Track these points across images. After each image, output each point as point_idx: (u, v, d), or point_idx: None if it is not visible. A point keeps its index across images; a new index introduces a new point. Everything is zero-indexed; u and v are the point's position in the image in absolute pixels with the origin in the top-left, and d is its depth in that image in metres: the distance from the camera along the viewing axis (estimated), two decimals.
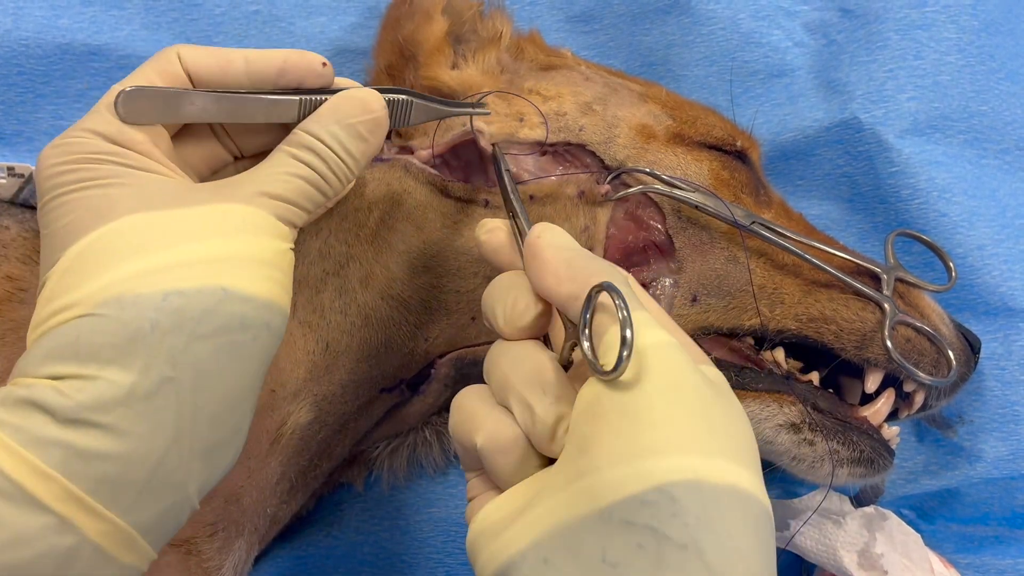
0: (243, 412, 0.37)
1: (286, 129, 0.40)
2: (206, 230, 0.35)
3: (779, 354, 0.54)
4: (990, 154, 0.65)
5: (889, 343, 0.51)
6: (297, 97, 0.39)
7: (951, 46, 0.65)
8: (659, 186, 0.51)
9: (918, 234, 0.61)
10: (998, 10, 0.66)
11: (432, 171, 0.51)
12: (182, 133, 0.41)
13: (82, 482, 0.31)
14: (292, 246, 0.39)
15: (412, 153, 0.52)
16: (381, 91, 0.41)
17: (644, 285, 0.52)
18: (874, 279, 0.54)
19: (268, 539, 0.55)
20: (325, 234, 0.51)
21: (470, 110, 0.48)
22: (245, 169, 0.42)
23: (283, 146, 0.39)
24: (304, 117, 0.40)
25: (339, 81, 0.41)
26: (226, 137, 0.42)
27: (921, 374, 0.51)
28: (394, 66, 0.56)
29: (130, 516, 0.33)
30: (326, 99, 0.40)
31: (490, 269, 0.49)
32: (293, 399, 0.49)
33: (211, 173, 0.42)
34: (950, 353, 0.53)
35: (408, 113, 0.43)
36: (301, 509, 0.57)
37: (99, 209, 0.35)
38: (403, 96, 0.42)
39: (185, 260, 0.34)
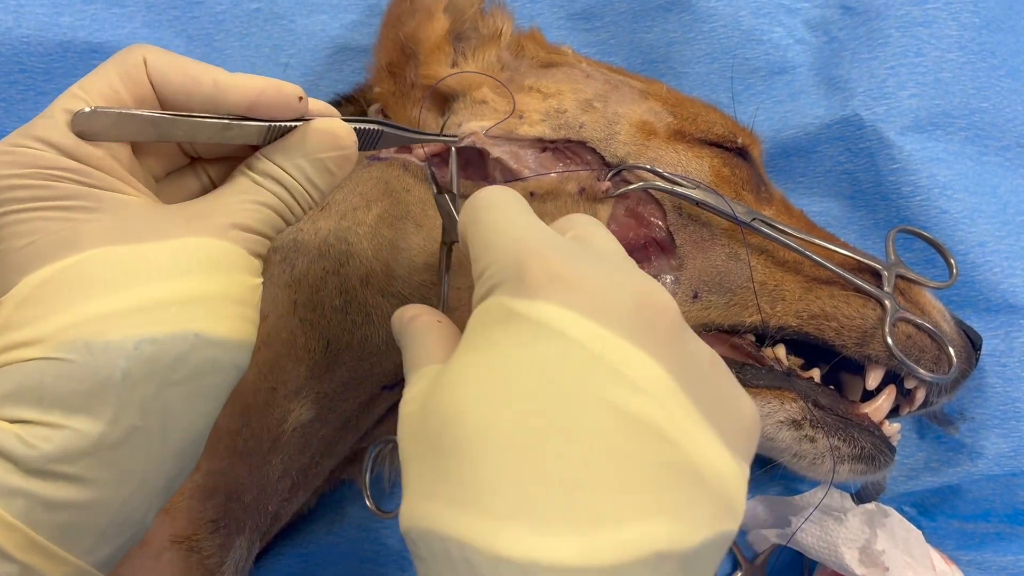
0: (203, 442, 0.36)
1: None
2: (179, 268, 0.34)
3: (780, 351, 0.54)
4: (991, 151, 0.65)
5: (890, 340, 0.51)
6: (265, 124, 0.38)
7: (952, 43, 0.65)
8: (660, 183, 0.51)
9: (919, 231, 0.61)
10: (999, 7, 0.66)
11: (431, 168, 0.51)
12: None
13: (45, 530, 0.31)
14: (261, 279, 0.38)
15: (410, 151, 0.52)
16: (351, 121, 0.40)
17: None
18: (875, 276, 0.54)
19: (270, 536, 0.55)
20: (324, 232, 0.51)
21: (440, 137, 0.47)
22: (203, 171, 0.41)
23: (248, 171, 0.38)
24: (270, 139, 0.38)
25: (312, 104, 0.39)
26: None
27: (922, 371, 0.51)
28: (395, 64, 0.55)
29: (91, 556, 0.33)
30: (294, 125, 0.38)
31: None
32: (295, 397, 0.49)
33: (166, 175, 0.41)
34: (951, 350, 0.53)
35: (376, 141, 0.42)
36: (302, 506, 0.57)
37: (62, 236, 0.33)
38: (373, 126, 0.42)
39: (157, 301, 0.33)
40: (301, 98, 0.38)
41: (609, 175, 0.52)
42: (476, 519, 0.27)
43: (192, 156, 0.41)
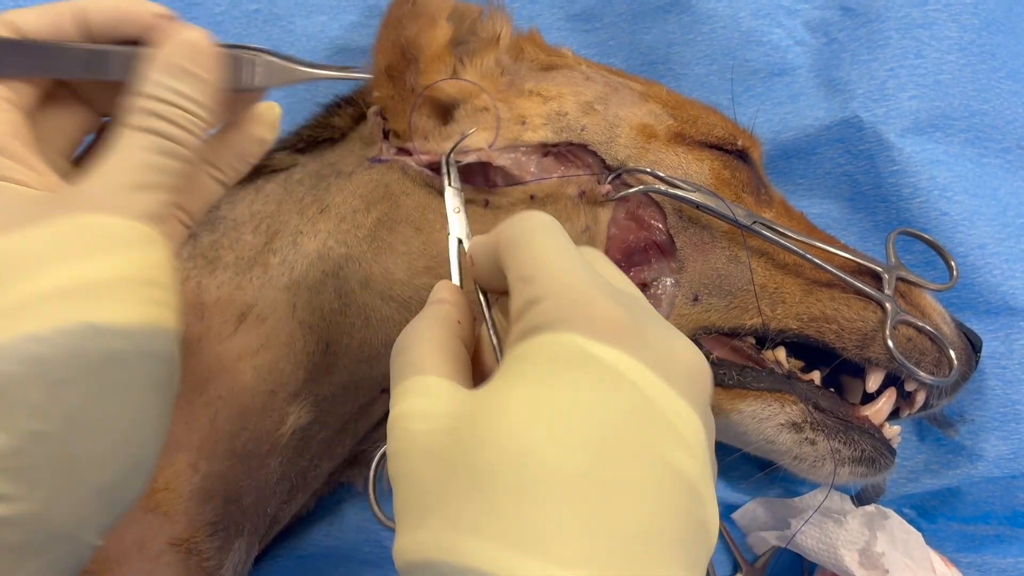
0: (141, 444, 0.33)
1: None
2: (63, 252, 0.31)
3: (780, 353, 0.53)
4: (991, 153, 0.65)
5: (890, 342, 0.51)
6: (109, 48, 0.34)
7: (952, 45, 0.65)
8: (660, 186, 0.51)
9: (919, 233, 0.61)
10: (999, 9, 0.66)
11: (430, 172, 0.51)
12: (44, 104, 0.37)
13: None
14: (167, 252, 0.34)
15: (409, 154, 0.52)
16: (221, 46, 0.37)
17: (645, 285, 0.52)
18: (875, 278, 0.54)
19: (268, 539, 0.55)
20: (323, 236, 0.51)
21: (340, 74, 0.41)
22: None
23: (123, 119, 0.34)
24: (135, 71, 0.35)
25: (162, 26, 0.36)
26: (87, 99, 0.38)
27: (922, 373, 0.51)
28: (394, 67, 0.55)
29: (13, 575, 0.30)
30: (150, 50, 0.35)
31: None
32: (293, 400, 0.49)
33: (76, 145, 0.38)
34: (951, 352, 0.53)
35: (252, 71, 0.37)
36: (301, 509, 0.57)
37: None
38: (247, 52, 0.37)
39: (39, 293, 0.30)
40: (163, 16, 0.35)
41: (610, 178, 0.52)
42: (538, 564, 0.26)
43: (104, 115, 0.38)
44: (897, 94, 0.64)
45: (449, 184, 0.44)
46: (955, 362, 0.52)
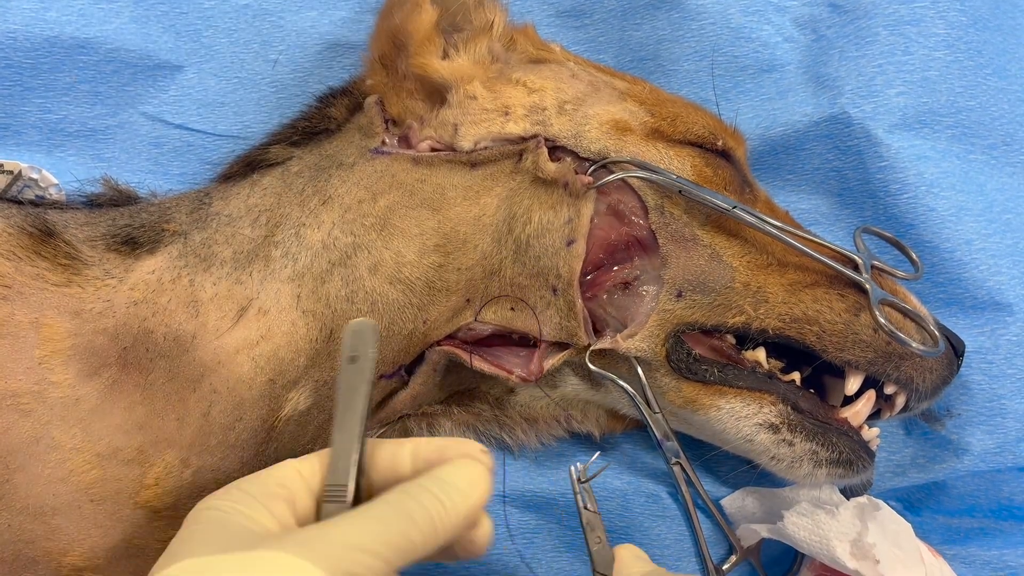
0: None
1: None
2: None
3: (760, 354, 0.54)
4: (978, 149, 0.65)
5: (879, 316, 0.50)
6: None
7: (939, 42, 0.65)
8: (639, 172, 0.51)
9: (879, 230, 0.61)
10: (986, 6, 0.67)
11: (445, 154, 0.52)
12: None
13: None
14: None
15: (412, 146, 0.53)
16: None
17: (627, 283, 0.52)
18: (855, 268, 0.54)
19: None
20: (328, 226, 0.51)
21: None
22: None
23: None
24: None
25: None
26: None
27: (913, 344, 0.50)
28: (387, 56, 0.56)
29: None
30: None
31: (487, 242, 0.51)
32: (292, 387, 0.50)
33: None
34: (935, 330, 0.53)
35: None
36: None
37: None
38: None
39: None
40: (484, 450, 0.41)
41: (591, 168, 0.52)
42: None
43: None
44: (885, 90, 0.65)
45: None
46: (939, 336, 0.52)
